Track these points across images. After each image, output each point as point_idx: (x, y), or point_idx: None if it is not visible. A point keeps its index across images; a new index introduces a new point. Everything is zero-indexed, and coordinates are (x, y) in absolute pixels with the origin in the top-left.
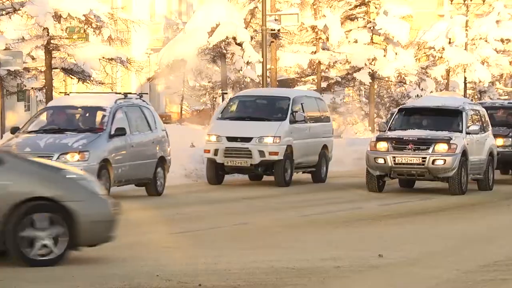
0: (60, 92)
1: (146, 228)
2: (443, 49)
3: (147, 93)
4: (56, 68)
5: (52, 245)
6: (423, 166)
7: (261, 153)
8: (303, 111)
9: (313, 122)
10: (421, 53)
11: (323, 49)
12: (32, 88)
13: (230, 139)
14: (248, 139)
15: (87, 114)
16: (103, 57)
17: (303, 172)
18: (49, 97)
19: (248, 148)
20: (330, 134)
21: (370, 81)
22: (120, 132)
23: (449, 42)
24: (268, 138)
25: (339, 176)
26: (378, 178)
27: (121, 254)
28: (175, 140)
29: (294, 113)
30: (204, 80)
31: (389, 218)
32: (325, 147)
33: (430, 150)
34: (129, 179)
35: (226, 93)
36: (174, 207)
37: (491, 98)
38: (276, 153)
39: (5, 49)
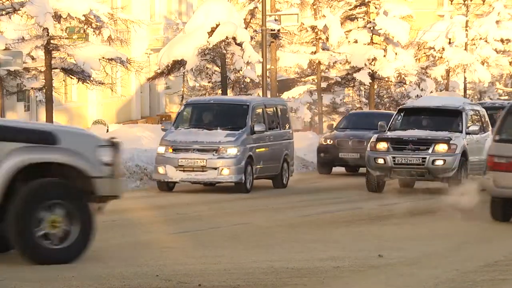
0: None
1: (146, 228)
2: (443, 49)
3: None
4: (56, 68)
5: None
6: (423, 166)
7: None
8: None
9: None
10: (421, 53)
11: (323, 49)
12: (32, 88)
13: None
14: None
15: None
16: (103, 57)
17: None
18: (49, 97)
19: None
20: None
21: (370, 81)
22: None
23: (449, 42)
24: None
25: (340, 176)
26: (378, 178)
27: (121, 254)
28: None
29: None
30: (204, 80)
31: (389, 218)
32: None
33: (430, 150)
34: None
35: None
36: (174, 207)
37: (491, 98)
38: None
39: (5, 49)
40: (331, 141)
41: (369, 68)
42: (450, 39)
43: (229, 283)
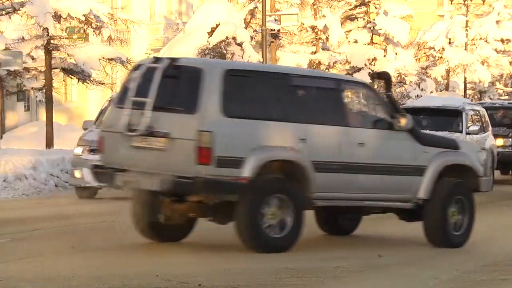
0: None
1: None
2: (443, 49)
3: None
4: (56, 68)
5: None
6: None
7: None
8: None
9: None
10: (421, 53)
11: (323, 49)
12: (32, 88)
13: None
14: None
15: None
16: (103, 57)
17: None
18: (49, 97)
19: None
20: None
21: (370, 81)
22: None
23: (449, 42)
24: None
25: None
26: None
27: (121, 254)
28: None
29: None
30: None
31: (389, 218)
32: None
33: None
34: None
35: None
36: None
37: (491, 98)
38: None
39: (5, 49)
40: None
41: (369, 68)
42: (450, 39)
43: (229, 283)
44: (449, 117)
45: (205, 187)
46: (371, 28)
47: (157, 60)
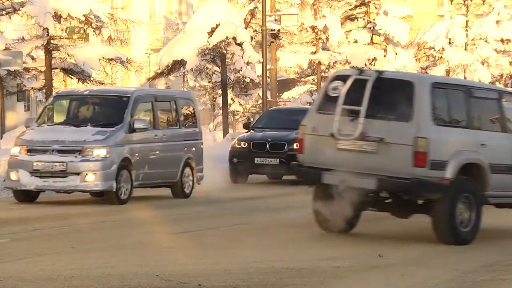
0: None
1: (146, 228)
2: (443, 49)
3: None
4: (56, 68)
5: None
6: None
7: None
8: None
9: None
10: (421, 53)
11: (323, 49)
12: (32, 88)
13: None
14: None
15: None
16: (103, 57)
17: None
18: (48, 97)
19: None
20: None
21: None
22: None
23: (449, 42)
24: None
25: None
26: None
27: (121, 254)
28: None
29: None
30: (204, 80)
31: (389, 218)
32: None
33: None
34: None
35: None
36: (174, 207)
37: None
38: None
39: (5, 49)
40: (246, 144)
41: (369, 68)
42: (450, 39)
43: (229, 283)
44: None
45: (419, 187)
46: (371, 28)
47: (361, 71)
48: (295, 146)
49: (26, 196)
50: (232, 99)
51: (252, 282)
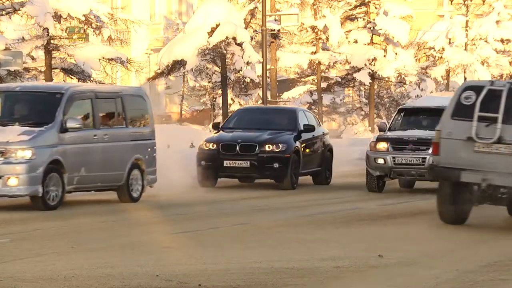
0: None
1: (146, 228)
2: (443, 49)
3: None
4: (56, 68)
5: None
6: (423, 167)
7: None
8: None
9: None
10: (421, 53)
11: (323, 49)
12: None
13: None
14: None
15: None
16: (103, 57)
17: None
18: None
19: None
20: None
21: (370, 81)
22: None
23: (449, 43)
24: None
25: (341, 177)
26: (378, 178)
27: (121, 254)
28: (174, 140)
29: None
30: (204, 80)
31: (389, 218)
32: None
33: (430, 151)
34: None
35: None
36: (174, 207)
37: None
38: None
39: (5, 49)
40: (214, 146)
41: (369, 68)
42: (450, 39)
43: (229, 283)
44: None
45: None
46: (371, 28)
47: (492, 82)
48: (267, 148)
49: None
50: (232, 99)
51: (252, 282)
